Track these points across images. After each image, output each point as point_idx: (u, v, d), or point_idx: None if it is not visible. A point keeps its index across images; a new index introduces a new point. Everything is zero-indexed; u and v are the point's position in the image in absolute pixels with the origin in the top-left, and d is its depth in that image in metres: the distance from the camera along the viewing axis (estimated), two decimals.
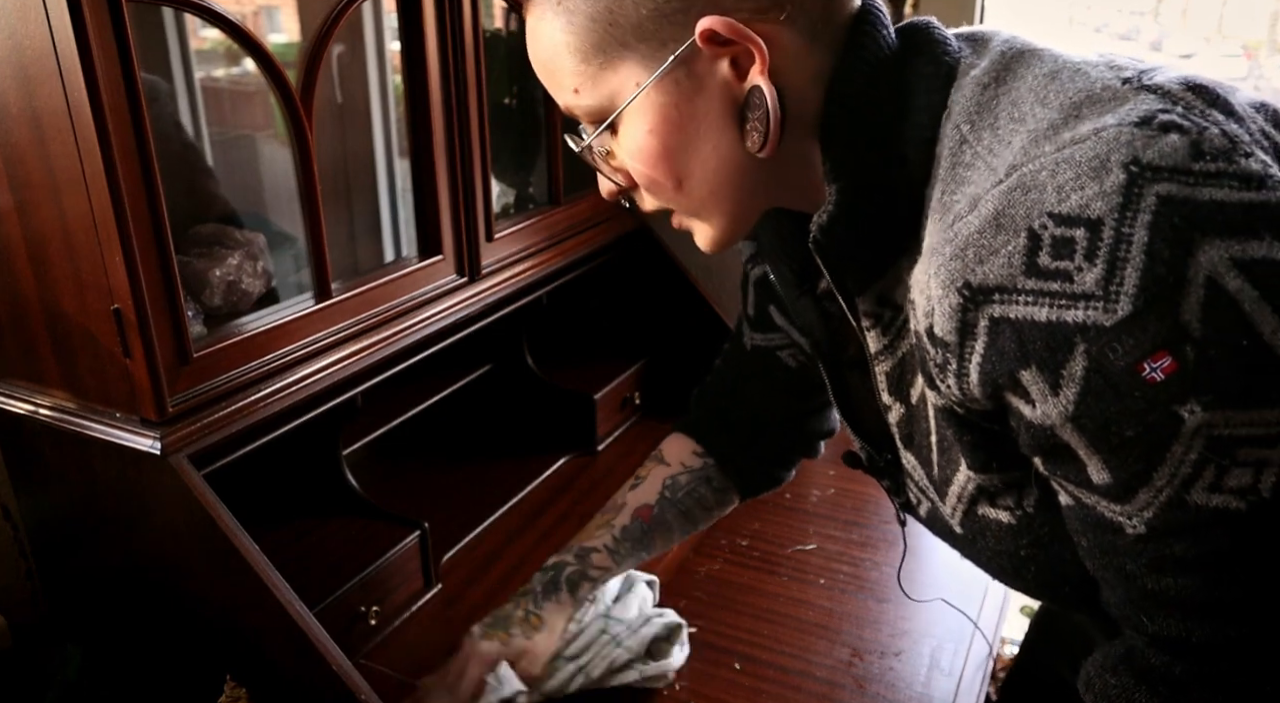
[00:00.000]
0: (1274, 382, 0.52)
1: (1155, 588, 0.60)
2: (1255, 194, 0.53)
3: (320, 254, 1.08)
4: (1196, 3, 2.55)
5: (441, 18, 1.16)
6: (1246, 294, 0.51)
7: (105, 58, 0.82)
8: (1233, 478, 0.55)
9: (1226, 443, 0.54)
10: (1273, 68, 2.41)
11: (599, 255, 1.60)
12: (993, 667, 1.19)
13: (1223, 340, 0.52)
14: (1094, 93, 0.59)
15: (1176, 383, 0.52)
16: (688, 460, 1.09)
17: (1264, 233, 0.52)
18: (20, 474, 1.11)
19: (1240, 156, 0.54)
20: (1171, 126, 0.54)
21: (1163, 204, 0.52)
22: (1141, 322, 0.52)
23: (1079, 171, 0.54)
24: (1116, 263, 0.52)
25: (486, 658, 0.99)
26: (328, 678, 0.95)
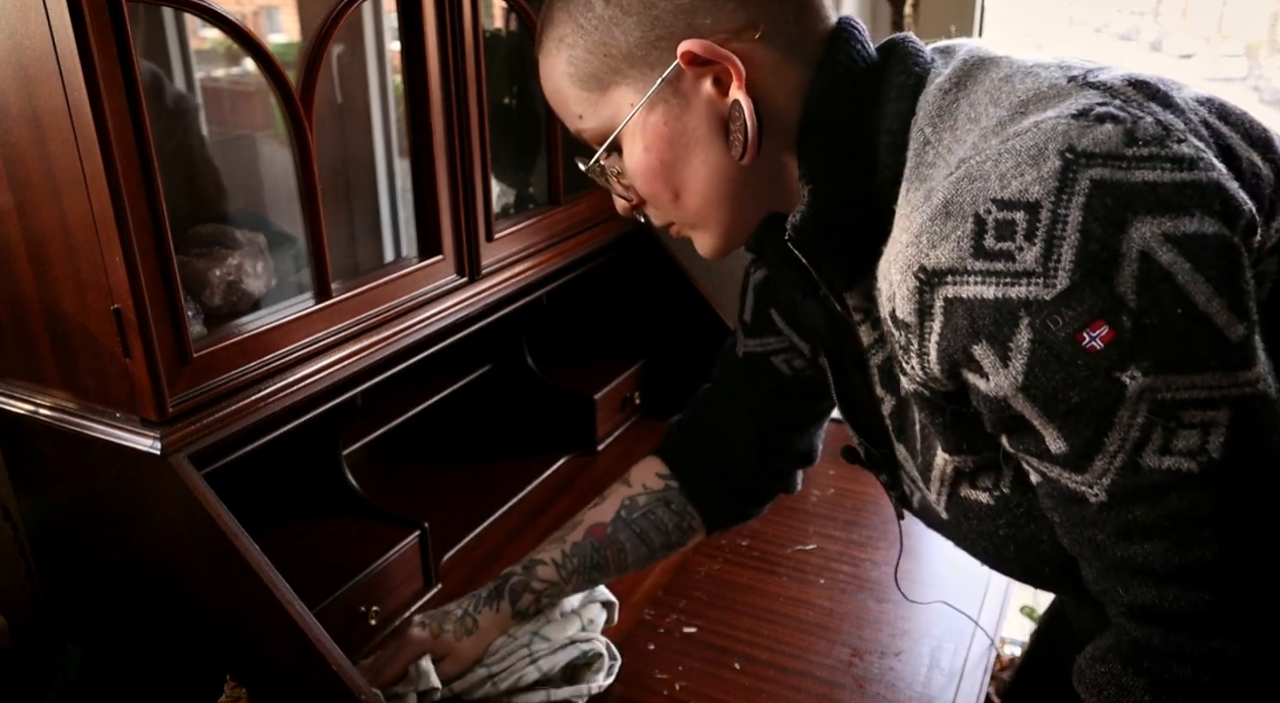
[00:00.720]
0: (1210, 348, 0.56)
1: (1124, 556, 0.62)
2: (1187, 174, 0.57)
3: (320, 254, 1.08)
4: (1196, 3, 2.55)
5: (441, 18, 1.16)
6: (1179, 267, 0.55)
7: (105, 58, 0.82)
8: (1180, 440, 0.57)
9: (1170, 406, 0.57)
10: (1273, 68, 2.41)
11: (599, 255, 1.60)
12: (993, 667, 1.19)
13: (1158, 309, 0.55)
14: (1041, 91, 0.63)
15: (1115, 350, 0.56)
16: (650, 482, 1.10)
17: (1194, 210, 0.56)
18: (20, 474, 1.11)
19: (1173, 142, 0.58)
20: (1107, 117, 0.59)
21: (1095, 187, 0.56)
22: (1078, 294, 0.56)
23: (1019, 160, 0.59)
24: (1054, 241, 0.57)
25: (415, 648, 1.04)
26: (328, 678, 0.95)
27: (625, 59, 0.72)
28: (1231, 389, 0.57)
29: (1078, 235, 0.56)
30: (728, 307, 1.76)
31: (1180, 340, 0.56)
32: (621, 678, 1.11)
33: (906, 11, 1.65)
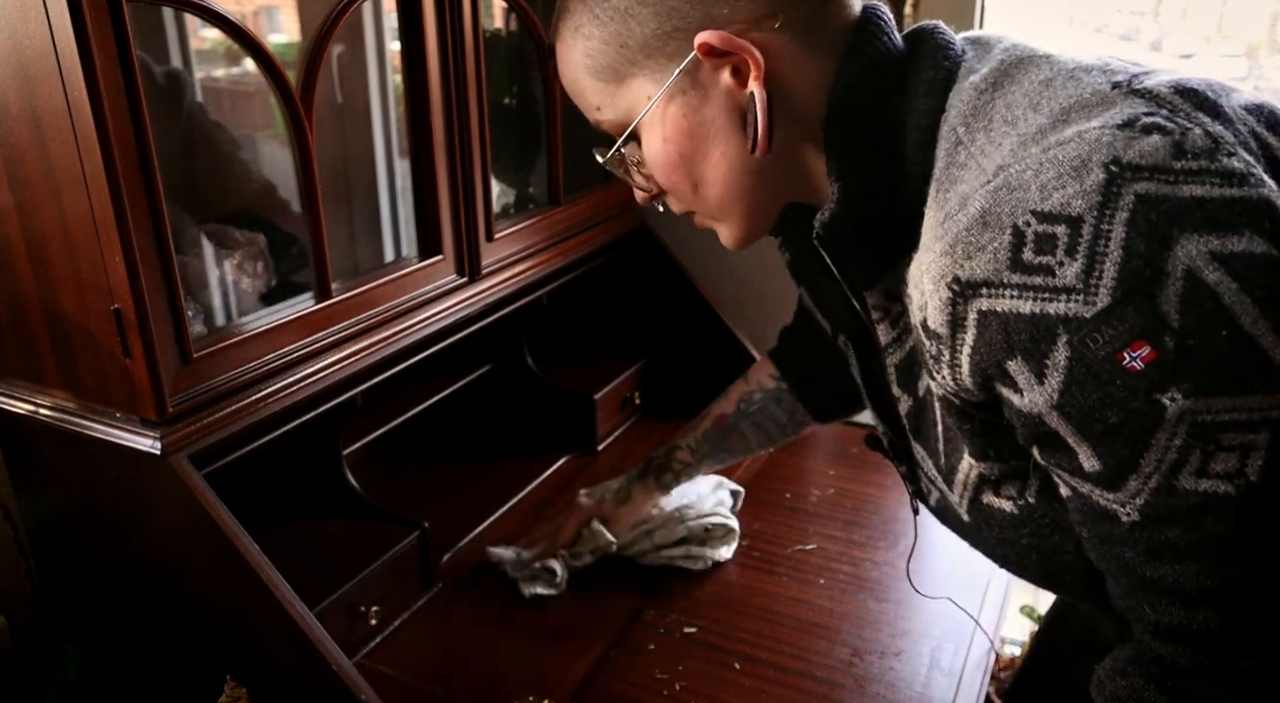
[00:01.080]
0: (1254, 370, 0.54)
1: (1154, 576, 0.61)
2: (1236, 190, 0.55)
3: (320, 254, 1.08)
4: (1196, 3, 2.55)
5: (441, 18, 1.16)
6: (1226, 287, 0.54)
7: (105, 58, 0.82)
8: (1219, 463, 0.56)
9: (1210, 429, 0.55)
10: (1273, 68, 2.41)
11: (599, 255, 1.60)
12: (993, 667, 1.19)
13: (1202, 330, 0.54)
14: (1083, 98, 0.61)
15: (1156, 371, 0.55)
16: (764, 382, 1.25)
17: (1244, 228, 0.54)
18: (20, 474, 1.11)
19: (1223, 156, 0.56)
20: (1154, 128, 0.57)
21: (1140, 201, 0.55)
22: (1119, 313, 0.55)
23: (1061, 171, 0.57)
24: (1096, 257, 0.55)
25: (584, 513, 1.28)
26: (328, 678, 0.95)
27: (642, 50, 0.71)
28: (1273, 411, 0.55)
29: (1121, 252, 0.54)
30: (727, 306, 1.76)
31: (1224, 363, 0.54)
32: (621, 678, 1.11)
33: (906, 11, 1.65)
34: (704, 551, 1.30)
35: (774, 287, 1.82)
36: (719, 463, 1.28)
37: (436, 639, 1.16)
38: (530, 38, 1.38)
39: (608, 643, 1.16)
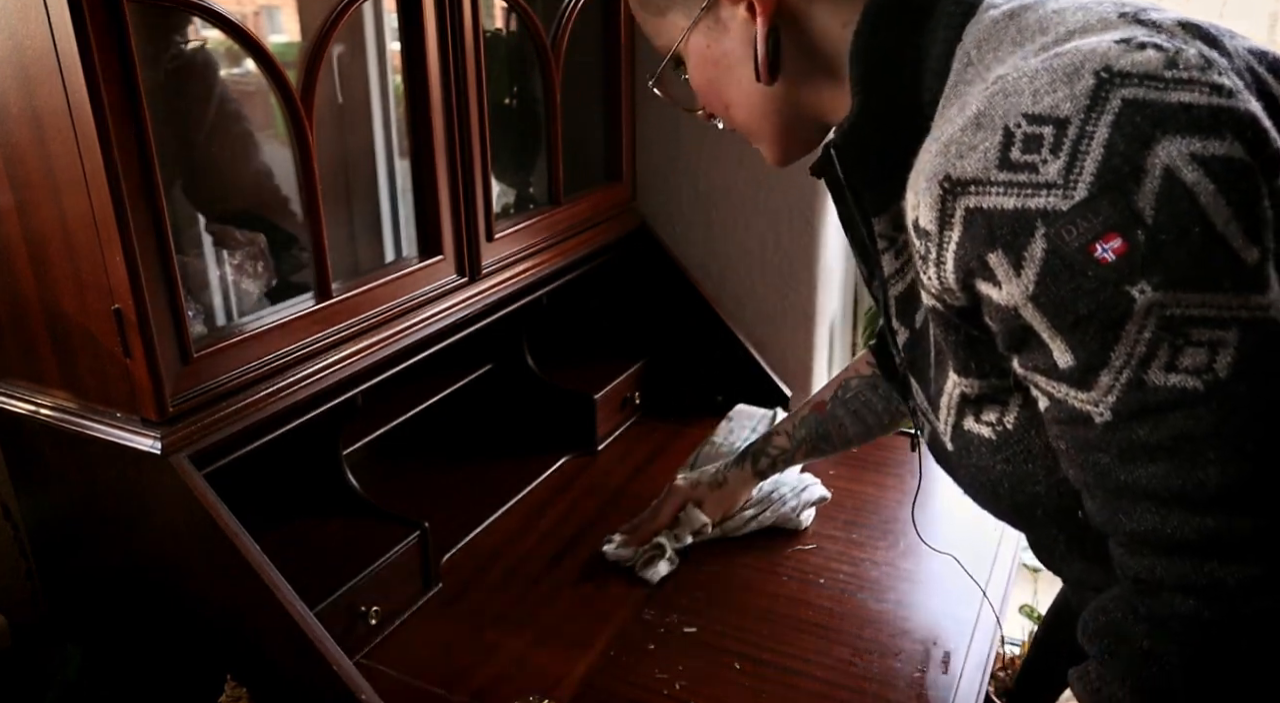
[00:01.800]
0: (1224, 269, 0.56)
1: (1128, 480, 0.62)
2: (1224, 100, 0.57)
3: (321, 254, 1.08)
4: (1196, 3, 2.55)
5: (441, 18, 1.16)
6: (1203, 187, 0.56)
7: (105, 58, 0.82)
8: (1187, 357, 0.58)
9: (1178, 323, 0.57)
10: None
11: (599, 255, 1.60)
12: (993, 667, 1.19)
13: (1175, 226, 0.56)
14: (1089, 23, 0.64)
15: (1126, 263, 0.57)
16: (862, 369, 1.26)
17: (1226, 133, 0.56)
18: (21, 474, 1.11)
19: (1214, 73, 0.58)
20: (1150, 45, 0.59)
21: (1126, 105, 0.57)
22: (1094, 206, 0.57)
23: (1054, 77, 0.60)
24: (1078, 155, 0.57)
25: (680, 496, 1.32)
26: (328, 678, 0.95)
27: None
28: (1242, 311, 0.57)
29: (1102, 150, 0.57)
30: (728, 306, 1.77)
31: (1194, 259, 0.56)
32: (622, 678, 1.11)
33: None
34: (796, 516, 1.36)
35: (774, 287, 1.82)
36: (817, 453, 1.29)
37: (436, 639, 1.16)
38: (530, 38, 1.38)
39: (608, 643, 1.16)
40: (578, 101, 1.52)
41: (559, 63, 1.40)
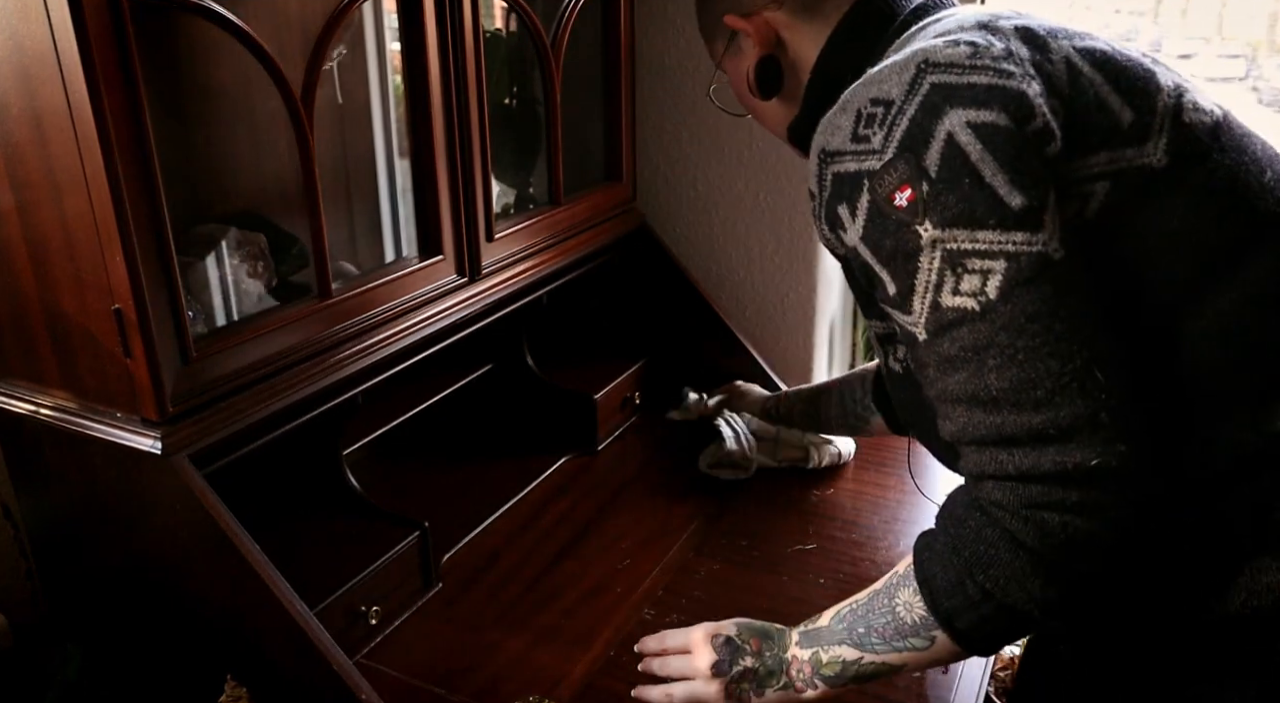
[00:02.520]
0: (989, 210, 0.70)
1: (944, 388, 0.76)
2: (1001, 81, 0.72)
3: (321, 254, 1.08)
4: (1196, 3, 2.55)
5: (441, 18, 1.16)
6: (973, 147, 0.71)
7: (106, 58, 0.82)
8: (965, 283, 0.72)
9: (957, 254, 0.72)
10: (1272, 68, 2.41)
11: (599, 255, 1.60)
12: (992, 666, 1.19)
13: (950, 178, 0.71)
14: (946, 28, 0.80)
15: (915, 208, 0.72)
16: (869, 364, 1.38)
17: (995, 106, 0.71)
18: (21, 474, 1.11)
19: (1006, 63, 0.73)
20: (964, 42, 0.74)
21: (933, 88, 0.73)
22: (895, 165, 0.73)
23: (894, 69, 0.76)
24: (893, 127, 0.73)
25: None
26: (328, 678, 0.95)
27: (711, 25, 1.02)
28: (1008, 245, 0.70)
29: (906, 122, 0.73)
30: (727, 306, 1.77)
31: (966, 202, 0.71)
32: (622, 678, 1.11)
33: None
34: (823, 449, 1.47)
35: (774, 287, 1.82)
36: (809, 419, 1.42)
37: (436, 639, 1.16)
38: (530, 38, 1.38)
39: (608, 643, 1.16)
40: (578, 101, 1.52)
41: (559, 63, 1.40)
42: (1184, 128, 0.74)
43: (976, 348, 0.72)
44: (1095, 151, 0.73)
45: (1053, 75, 0.74)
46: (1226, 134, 0.76)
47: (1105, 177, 0.73)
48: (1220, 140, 0.75)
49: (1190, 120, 0.75)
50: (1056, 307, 0.70)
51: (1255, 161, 0.76)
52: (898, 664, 0.84)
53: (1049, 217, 0.70)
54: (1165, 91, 0.76)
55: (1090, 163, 0.73)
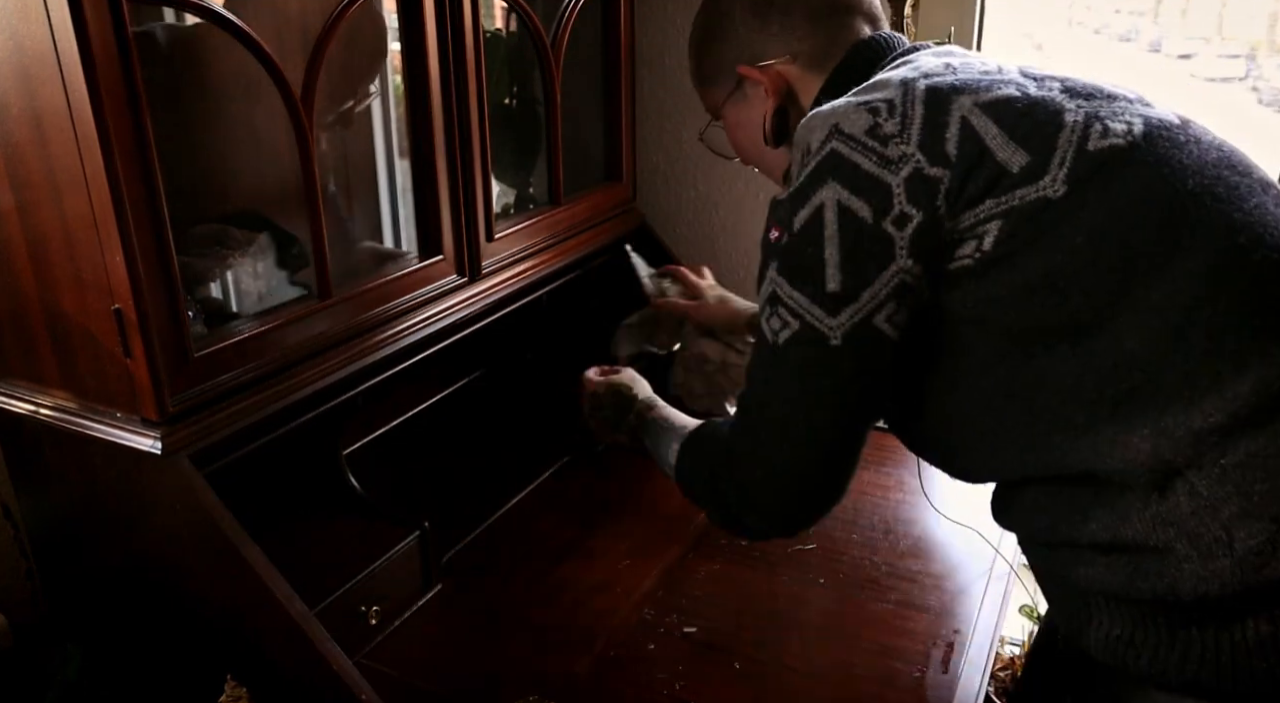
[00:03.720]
0: (811, 280, 0.84)
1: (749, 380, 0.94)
2: (879, 170, 0.83)
3: (321, 254, 1.08)
4: (1196, 3, 2.55)
5: (441, 18, 1.16)
6: (830, 226, 0.83)
7: (106, 58, 0.82)
8: (775, 320, 0.88)
9: (776, 297, 0.87)
10: (1272, 68, 2.41)
11: (599, 255, 1.60)
12: (992, 666, 1.19)
13: (801, 240, 0.85)
14: (878, 82, 0.90)
15: (774, 248, 0.88)
16: None
17: (866, 197, 0.83)
18: (21, 474, 1.11)
19: (894, 144, 0.83)
20: (869, 110, 0.85)
21: (830, 153, 0.85)
22: (778, 210, 0.88)
23: (819, 123, 0.87)
24: (800, 174, 0.87)
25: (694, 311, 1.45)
26: (328, 678, 0.95)
27: (714, 72, 1.08)
28: (803, 312, 0.85)
29: (801, 179, 0.86)
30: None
31: (798, 264, 0.85)
32: (622, 678, 1.11)
33: (906, 12, 1.65)
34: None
35: None
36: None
37: (436, 639, 1.16)
38: (530, 38, 1.38)
39: (607, 643, 1.16)
40: (578, 101, 1.52)
41: (559, 63, 1.40)
42: (1088, 156, 0.82)
43: (754, 366, 0.93)
44: (981, 200, 0.82)
45: (942, 139, 0.83)
46: (1145, 150, 0.82)
47: (996, 216, 0.82)
48: (1135, 157, 0.82)
49: (1095, 147, 0.82)
50: (807, 377, 0.87)
51: (1179, 171, 0.81)
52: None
53: (850, 307, 0.84)
54: (1069, 127, 0.83)
55: (978, 211, 0.82)
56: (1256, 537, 0.75)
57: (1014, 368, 0.83)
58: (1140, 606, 0.81)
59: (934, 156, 0.83)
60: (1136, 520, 0.79)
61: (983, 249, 0.82)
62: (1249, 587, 0.75)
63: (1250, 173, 0.85)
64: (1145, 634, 0.81)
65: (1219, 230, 0.79)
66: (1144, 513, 0.79)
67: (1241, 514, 0.75)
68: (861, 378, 0.87)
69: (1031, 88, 0.86)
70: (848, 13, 1.02)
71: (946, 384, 0.88)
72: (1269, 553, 0.74)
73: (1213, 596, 0.76)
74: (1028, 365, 0.82)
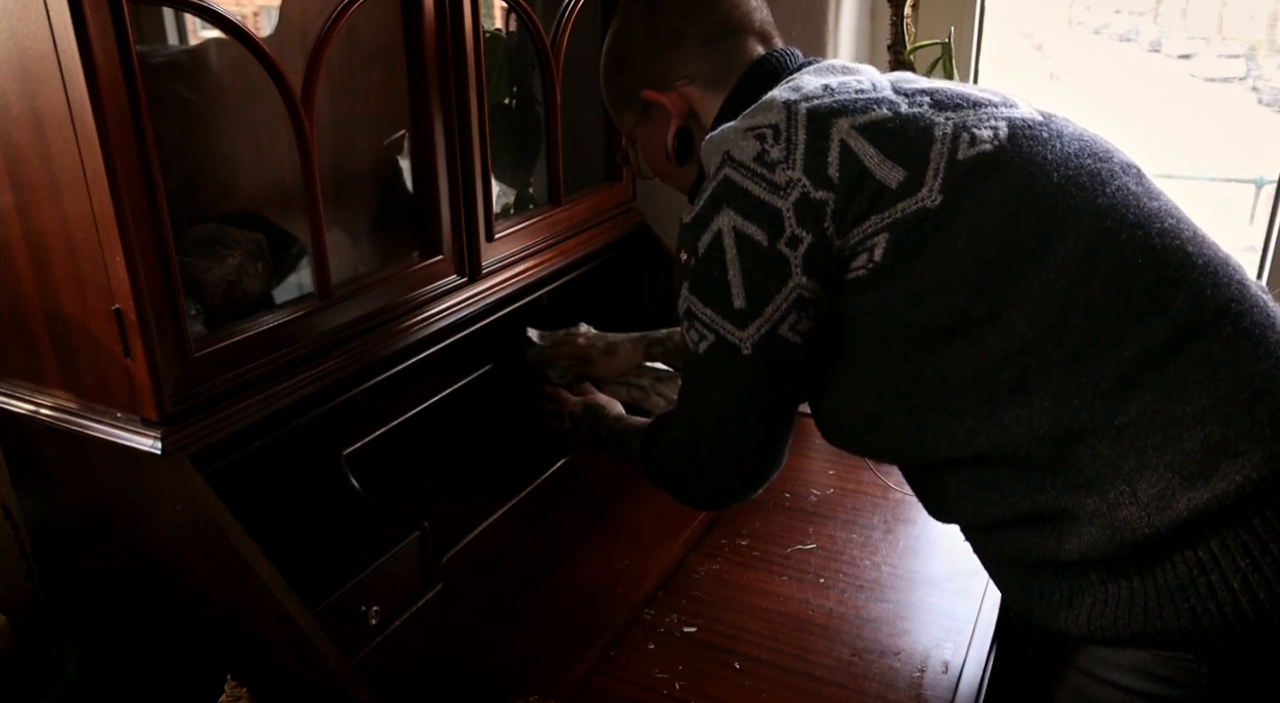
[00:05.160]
0: (718, 298, 0.93)
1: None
2: (769, 196, 0.90)
3: (321, 254, 1.08)
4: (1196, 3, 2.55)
5: (441, 18, 1.16)
6: (730, 252, 0.91)
7: (106, 58, 0.82)
8: (693, 333, 0.97)
9: (691, 313, 0.96)
10: (1272, 68, 2.41)
11: (599, 255, 1.60)
12: (993, 667, 1.19)
13: (706, 264, 0.93)
14: (764, 103, 0.95)
15: (683, 269, 0.96)
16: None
17: (759, 223, 0.90)
18: (21, 474, 1.11)
19: (782, 169, 0.90)
20: (755, 136, 0.92)
21: (724, 180, 0.92)
22: (684, 235, 0.96)
23: (712, 150, 0.95)
24: (699, 200, 0.94)
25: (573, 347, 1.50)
26: (328, 678, 0.95)
27: (624, 97, 1.15)
28: (719, 327, 0.94)
29: (700, 204, 0.94)
30: None
31: (706, 284, 0.93)
32: (622, 678, 1.11)
33: (906, 12, 1.65)
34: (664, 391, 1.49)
35: None
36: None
37: (436, 639, 1.16)
38: (530, 38, 1.38)
39: (608, 643, 1.16)
40: (578, 101, 1.52)
41: (559, 63, 1.40)
42: (958, 164, 0.88)
43: (686, 372, 1.02)
44: (866, 218, 0.88)
45: (825, 163, 0.89)
46: (1011, 152, 0.89)
47: (882, 230, 0.88)
48: (1002, 159, 0.89)
49: (964, 156, 0.89)
50: (728, 381, 0.96)
51: (1044, 167, 0.89)
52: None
53: (755, 321, 0.92)
54: (940, 140, 0.89)
55: (865, 227, 0.88)
56: (1156, 485, 0.82)
57: (916, 363, 0.90)
58: (1070, 567, 0.88)
59: (818, 181, 0.89)
60: (1049, 488, 0.86)
61: (874, 260, 0.89)
62: (1157, 530, 0.82)
63: (1110, 158, 0.92)
64: (1081, 594, 0.88)
65: (1086, 217, 0.87)
66: (1054, 480, 0.86)
67: (1139, 467, 0.83)
68: (775, 378, 0.96)
69: (903, 105, 0.92)
70: (739, 34, 1.08)
71: (856, 380, 0.95)
72: (1170, 497, 0.82)
73: (1128, 543, 0.83)
74: (928, 361, 0.89)
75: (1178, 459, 0.82)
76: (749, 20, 1.09)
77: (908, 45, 1.66)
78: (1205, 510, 0.81)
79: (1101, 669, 0.91)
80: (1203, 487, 0.81)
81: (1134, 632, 0.85)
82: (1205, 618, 0.82)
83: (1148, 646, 0.86)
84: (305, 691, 0.98)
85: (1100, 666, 0.91)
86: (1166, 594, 0.83)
